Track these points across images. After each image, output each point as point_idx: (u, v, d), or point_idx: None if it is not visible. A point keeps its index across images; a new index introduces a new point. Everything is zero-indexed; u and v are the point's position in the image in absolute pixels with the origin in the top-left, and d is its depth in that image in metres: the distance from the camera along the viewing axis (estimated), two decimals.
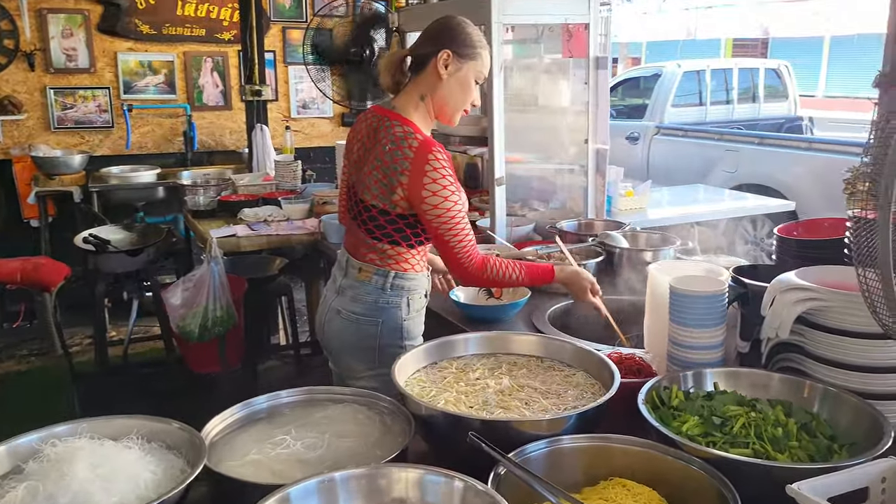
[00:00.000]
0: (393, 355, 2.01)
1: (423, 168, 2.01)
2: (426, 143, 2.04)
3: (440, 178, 2.01)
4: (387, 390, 1.89)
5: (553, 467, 1.38)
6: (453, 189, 2.04)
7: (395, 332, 2.18)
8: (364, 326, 2.17)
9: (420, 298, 2.23)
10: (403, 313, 2.18)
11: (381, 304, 2.16)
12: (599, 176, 3.26)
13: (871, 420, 1.43)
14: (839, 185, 6.45)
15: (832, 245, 1.89)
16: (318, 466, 1.39)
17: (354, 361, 2.22)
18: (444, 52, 2.08)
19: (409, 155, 2.03)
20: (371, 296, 2.17)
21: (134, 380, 4.35)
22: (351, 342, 2.20)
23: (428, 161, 2.01)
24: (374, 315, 2.17)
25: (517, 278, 2.15)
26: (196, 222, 4.24)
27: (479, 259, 2.09)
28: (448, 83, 2.11)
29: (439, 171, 2.01)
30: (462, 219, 2.06)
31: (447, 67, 2.08)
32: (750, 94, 8.53)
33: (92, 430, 1.44)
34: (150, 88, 6.25)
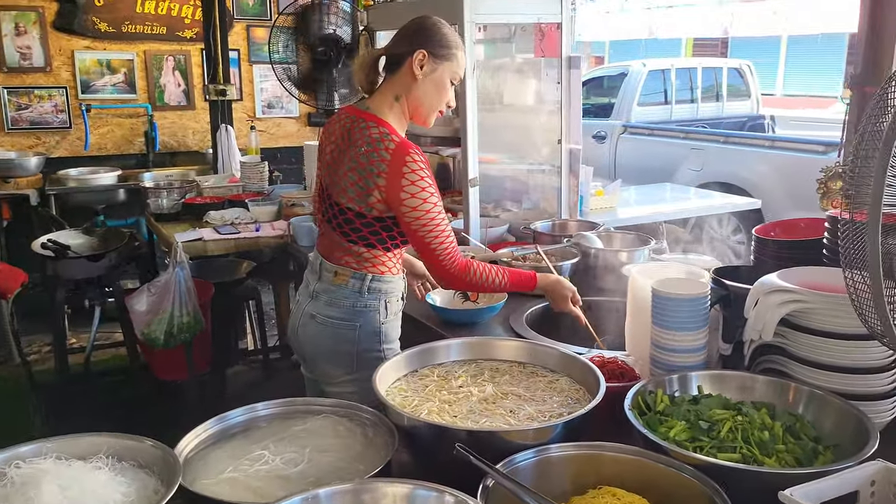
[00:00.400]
0: (371, 359, 2.07)
1: (400, 170, 1.97)
2: (403, 145, 2.01)
3: (418, 180, 1.97)
4: (365, 396, 1.87)
5: (541, 477, 1.35)
6: (432, 191, 2.01)
7: (373, 335, 2.13)
8: (341, 331, 2.13)
9: (397, 301, 2.20)
10: (381, 316, 2.14)
11: (359, 308, 2.12)
12: (573, 176, 3.24)
13: (856, 422, 1.42)
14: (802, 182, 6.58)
15: (810, 245, 1.89)
16: (300, 483, 1.34)
17: (331, 367, 2.17)
18: (419, 53, 2.04)
19: (385, 157, 1.99)
20: (348, 300, 2.12)
21: (97, 388, 4.23)
22: (327, 347, 2.16)
23: (405, 163, 1.98)
24: (352, 319, 2.12)
25: (500, 283, 2.12)
26: (160, 226, 4.13)
27: (461, 262, 2.05)
28: (423, 84, 2.07)
29: (417, 172, 1.98)
30: (442, 220, 2.03)
31: (422, 68, 2.05)
32: (713, 93, 8.63)
33: (58, 449, 1.37)
34: (109, 88, 6.09)
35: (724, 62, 9.14)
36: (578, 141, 3.25)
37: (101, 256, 3.72)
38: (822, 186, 2.19)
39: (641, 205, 4.89)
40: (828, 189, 2.16)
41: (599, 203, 4.38)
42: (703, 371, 1.66)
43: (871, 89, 2.12)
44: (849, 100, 2.21)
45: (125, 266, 4.04)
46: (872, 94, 2.12)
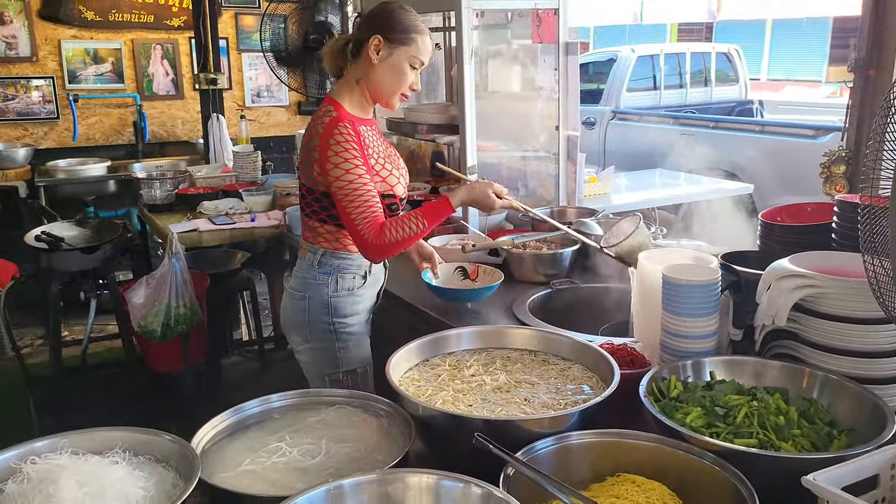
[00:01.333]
0: (323, 331, 2.25)
1: (328, 142, 2.06)
2: (337, 119, 2.09)
3: (342, 152, 2.05)
4: (320, 365, 2.25)
5: (561, 465, 1.36)
6: (357, 163, 2.06)
7: (321, 307, 2.24)
8: (295, 300, 2.27)
9: (352, 279, 2.26)
10: (330, 290, 2.23)
11: (309, 280, 2.25)
12: (570, 163, 3.24)
13: (872, 406, 1.43)
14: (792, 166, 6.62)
15: (818, 230, 1.89)
16: (319, 475, 1.33)
17: (293, 334, 2.32)
18: (374, 38, 2.10)
19: (319, 131, 2.10)
20: (302, 271, 2.27)
21: (94, 381, 4.19)
22: (288, 315, 2.31)
23: (332, 135, 2.06)
24: (303, 290, 2.25)
25: (418, 226, 2.09)
26: (153, 217, 4.10)
27: (376, 225, 2.05)
28: (379, 68, 2.13)
29: (342, 144, 2.05)
30: (365, 192, 2.06)
31: (378, 53, 2.11)
32: (702, 78, 8.65)
33: (73, 444, 1.35)
34: (97, 78, 6.01)
35: (712, 47, 9.16)
36: (576, 127, 3.25)
37: (95, 248, 3.68)
38: (825, 171, 2.20)
39: (633, 191, 4.90)
40: (831, 173, 2.17)
41: (593, 190, 4.38)
42: (716, 357, 1.66)
43: (874, 72, 2.13)
44: (851, 82, 2.21)
45: (119, 258, 3.99)
46: (875, 77, 2.13)
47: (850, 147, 2.21)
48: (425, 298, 2.52)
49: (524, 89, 3.39)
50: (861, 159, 2.21)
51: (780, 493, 1.23)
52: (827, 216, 1.91)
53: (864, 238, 1.27)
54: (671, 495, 1.29)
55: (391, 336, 2.10)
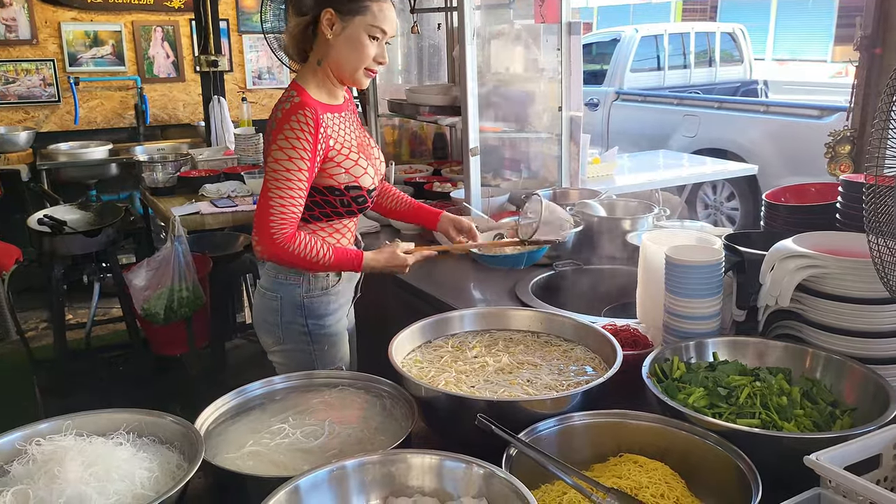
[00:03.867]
0: (296, 332, 2.10)
1: (282, 127, 1.90)
2: (297, 105, 1.91)
3: (292, 139, 1.88)
4: (294, 367, 2.02)
5: (563, 445, 1.36)
6: (302, 155, 1.89)
7: (294, 308, 2.09)
8: (266, 301, 2.11)
9: (325, 277, 2.10)
10: (302, 290, 2.08)
11: (280, 280, 2.08)
12: (574, 144, 3.22)
13: (875, 385, 1.43)
14: (797, 146, 6.60)
15: (822, 210, 1.88)
16: (322, 456, 1.34)
17: (264, 335, 2.17)
18: (325, 12, 1.92)
19: (278, 116, 1.93)
20: (273, 269, 2.09)
21: (98, 364, 4.21)
22: (259, 315, 2.16)
23: (289, 121, 1.89)
24: (275, 290, 2.10)
25: (322, 257, 1.94)
26: (155, 200, 4.09)
27: (287, 232, 1.90)
28: (336, 44, 1.95)
29: (295, 131, 1.88)
30: (296, 186, 1.89)
31: (332, 27, 1.93)
32: (706, 59, 8.58)
33: (78, 426, 1.36)
34: (98, 60, 5.98)
35: (716, 26, 9.07)
36: (579, 108, 3.23)
37: (98, 232, 3.67)
38: (830, 151, 2.18)
39: (636, 172, 4.88)
40: (836, 153, 2.15)
41: (596, 171, 4.36)
42: (719, 338, 1.66)
43: (880, 51, 2.11)
44: (857, 62, 2.19)
45: (122, 241, 3.99)
46: (881, 55, 2.11)
47: (855, 127, 2.20)
48: (428, 280, 2.52)
49: (527, 70, 3.36)
50: (866, 139, 2.19)
51: (782, 472, 1.23)
52: (831, 196, 1.90)
53: (869, 218, 1.26)
54: (673, 475, 1.29)
55: (394, 318, 2.10)
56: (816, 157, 5.47)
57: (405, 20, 3.89)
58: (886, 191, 1.20)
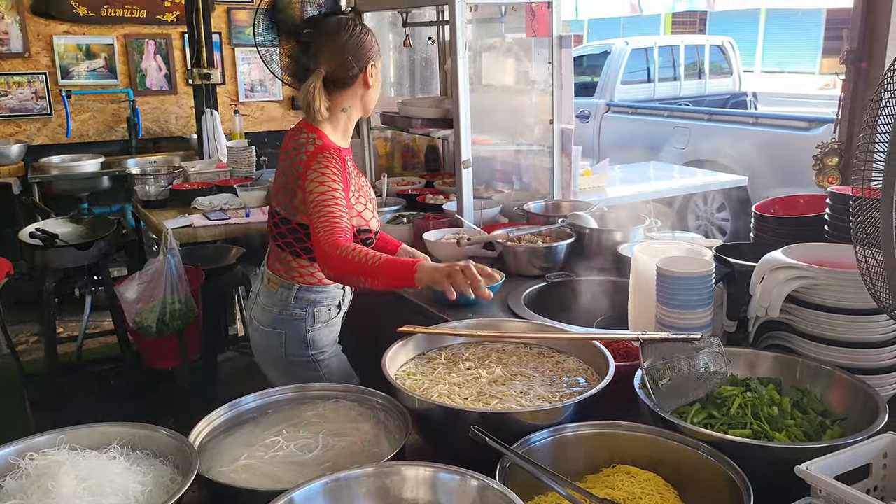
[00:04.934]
0: (302, 366, 2.16)
1: (312, 162, 2.01)
2: (324, 147, 2.05)
3: (325, 170, 1.99)
4: None
5: (557, 456, 1.37)
6: (336, 180, 1.99)
7: (299, 343, 2.16)
8: (269, 338, 2.18)
9: (329, 310, 2.21)
10: (307, 324, 2.16)
11: (284, 317, 2.15)
12: (565, 156, 3.24)
13: (864, 396, 1.45)
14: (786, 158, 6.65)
15: (811, 222, 1.91)
16: (317, 468, 1.34)
17: (269, 369, 2.25)
18: (371, 68, 2.11)
19: (303, 158, 2.04)
20: (275, 307, 2.16)
21: (89, 378, 4.19)
22: (262, 352, 2.23)
23: (318, 160, 2.01)
24: (278, 327, 2.16)
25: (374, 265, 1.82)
26: (148, 213, 4.09)
27: (335, 236, 1.89)
28: (374, 86, 2.16)
29: (327, 165, 2.00)
30: (337, 205, 1.95)
31: (372, 76, 2.13)
32: (696, 71, 8.65)
33: (71, 440, 1.36)
34: (90, 73, 5.99)
35: (706, 39, 9.16)
36: (570, 120, 3.25)
37: (90, 245, 3.67)
38: (818, 162, 2.21)
39: (627, 183, 4.90)
40: (824, 165, 2.18)
41: (588, 183, 4.39)
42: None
43: (866, 65, 2.14)
44: (843, 75, 2.22)
45: (114, 254, 3.99)
46: (867, 69, 2.14)
47: (842, 139, 2.23)
48: (422, 293, 2.52)
49: (518, 83, 3.39)
50: (853, 151, 2.22)
51: (773, 482, 1.24)
52: (820, 208, 1.92)
53: (856, 230, 1.28)
54: (666, 486, 1.30)
55: (387, 330, 2.11)
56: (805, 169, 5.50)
57: (397, 34, 3.92)
58: (873, 203, 1.22)
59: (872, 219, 1.24)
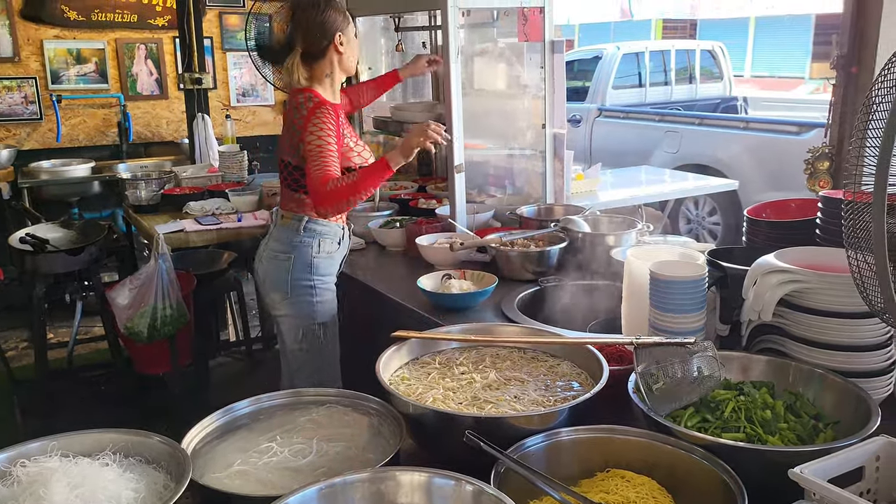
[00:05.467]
0: (303, 287, 2.58)
1: (311, 117, 2.43)
2: (319, 103, 2.47)
3: (321, 123, 2.42)
4: (299, 317, 2.59)
5: (551, 461, 1.37)
6: (331, 133, 2.41)
7: (305, 266, 2.57)
8: (279, 261, 2.58)
9: (332, 243, 2.62)
10: (313, 251, 2.57)
11: (295, 243, 2.57)
12: (558, 160, 3.25)
13: (857, 399, 1.45)
14: (776, 163, 6.68)
15: (802, 226, 1.91)
16: (311, 474, 1.34)
17: (272, 292, 2.62)
18: (336, 37, 2.52)
19: (304, 113, 2.47)
20: (287, 236, 2.58)
21: (80, 384, 4.17)
22: (271, 275, 2.61)
23: (315, 114, 2.43)
24: (288, 251, 2.57)
25: (355, 180, 2.37)
26: (139, 218, 4.07)
27: (325, 176, 2.36)
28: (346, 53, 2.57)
29: (322, 118, 2.42)
30: (330, 154, 2.39)
31: (341, 45, 2.54)
32: (687, 76, 8.69)
33: (63, 447, 1.35)
34: (80, 78, 5.97)
35: (696, 44, 9.20)
36: (563, 125, 3.26)
37: (80, 250, 3.65)
38: (809, 167, 2.22)
39: (619, 188, 4.92)
40: (815, 169, 2.19)
41: (580, 187, 4.40)
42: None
43: (856, 69, 2.15)
44: (834, 80, 2.24)
45: (105, 259, 3.97)
46: (857, 74, 2.16)
47: (833, 143, 2.24)
48: (414, 297, 2.53)
49: (511, 87, 3.39)
50: (844, 155, 2.23)
51: (767, 485, 1.24)
52: (811, 212, 1.93)
53: (848, 234, 1.29)
54: (660, 490, 1.30)
55: (381, 335, 2.11)
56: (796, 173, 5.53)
57: (389, 38, 3.92)
58: (864, 207, 1.22)
59: (864, 222, 1.24)
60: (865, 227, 1.24)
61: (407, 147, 2.44)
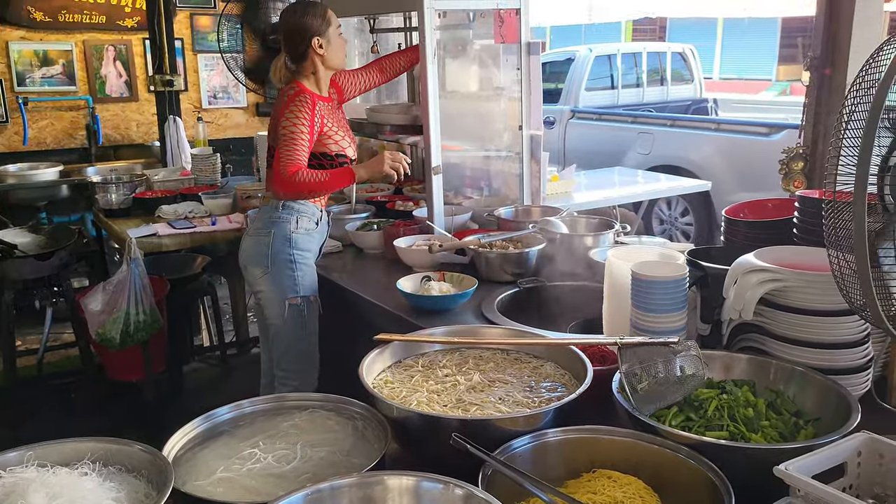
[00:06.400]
0: (283, 261, 2.70)
1: (289, 105, 2.63)
2: (299, 91, 2.67)
3: (297, 111, 2.61)
4: (279, 291, 2.71)
5: (538, 462, 1.37)
6: (303, 123, 2.60)
7: (284, 241, 2.70)
8: (261, 237, 2.72)
9: (310, 221, 2.74)
10: (292, 227, 2.70)
11: (274, 219, 2.71)
12: (535, 162, 3.25)
13: (837, 396, 1.47)
14: (747, 163, 6.78)
15: (780, 225, 1.94)
16: (296, 480, 1.32)
17: (253, 266, 2.76)
18: (314, 41, 2.69)
19: (285, 100, 2.66)
20: (268, 213, 2.74)
21: (50, 392, 4.09)
22: (252, 250, 2.76)
23: (294, 101, 2.63)
24: (269, 227, 2.71)
25: (321, 178, 2.63)
26: (110, 222, 4.00)
27: (294, 168, 2.57)
28: (328, 54, 2.73)
29: (299, 106, 2.61)
30: (300, 143, 2.59)
31: (321, 47, 2.71)
32: (658, 77, 8.77)
33: (40, 456, 1.32)
34: (47, 80, 5.86)
35: (667, 47, 9.29)
36: (539, 127, 3.26)
37: (50, 255, 3.58)
38: (784, 167, 2.25)
39: (593, 189, 4.95)
40: (790, 169, 2.22)
41: (555, 188, 4.42)
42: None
43: (830, 71, 2.18)
44: (806, 81, 2.27)
45: (75, 264, 3.89)
46: (831, 75, 2.19)
47: (807, 144, 2.27)
48: (393, 299, 2.51)
49: (487, 89, 3.40)
50: (818, 156, 2.27)
51: (751, 483, 1.25)
52: (788, 211, 1.96)
53: (829, 233, 1.30)
54: (647, 489, 1.31)
55: (361, 338, 2.09)
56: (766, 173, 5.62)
57: (365, 40, 3.90)
58: (844, 206, 1.24)
59: (844, 221, 1.26)
60: (846, 226, 1.26)
61: (373, 169, 2.75)
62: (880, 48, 1.28)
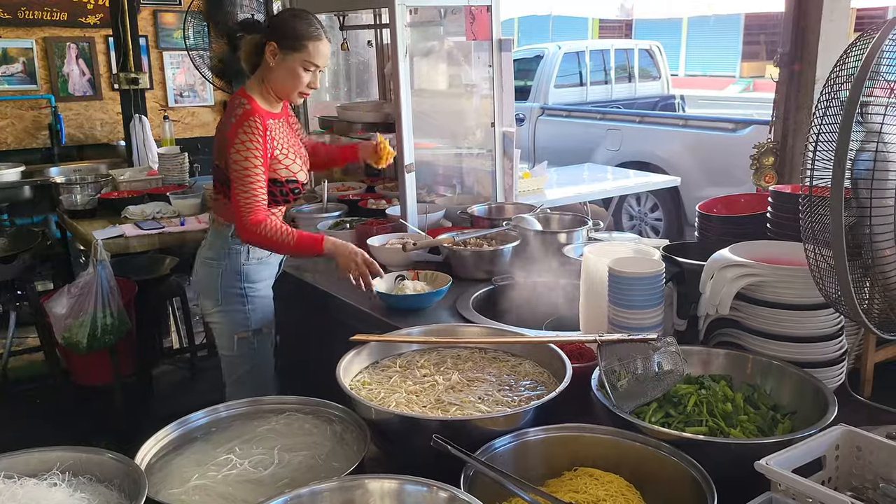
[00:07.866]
0: (234, 295, 2.52)
1: (237, 130, 2.33)
2: (249, 112, 2.35)
3: (247, 141, 2.32)
4: (229, 326, 2.54)
5: (519, 461, 1.36)
6: (257, 155, 2.33)
7: (234, 274, 2.51)
8: (212, 269, 2.53)
9: (262, 250, 2.53)
10: (243, 258, 2.50)
11: (224, 250, 2.51)
12: (507, 159, 3.25)
13: (813, 389, 1.48)
14: (713, 158, 6.86)
15: (753, 220, 1.95)
16: (274, 486, 1.29)
17: (205, 299, 2.59)
18: (269, 45, 2.38)
19: (233, 121, 2.36)
20: (218, 242, 2.53)
21: (14, 398, 3.98)
22: (203, 282, 2.57)
23: (242, 126, 2.33)
24: (219, 259, 2.51)
25: (288, 240, 2.36)
26: (75, 223, 3.91)
27: (257, 217, 2.34)
28: (276, 71, 2.40)
29: (249, 134, 2.32)
30: (256, 180, 2.34)
31: (274, 57, 2.39)
32: (626, 74, 8.83)
33: (6, 467, 1.27)
34: (6, 78, 5.71)
35: (634, 44, 9.37)
36: (512, 124, 3.26)
37: (12, 258, 3.49)
38: (755, 162, 2.26)
39: (564, 186, 4.97)
40: (760, 165, 2.24)
41: (527, 185, 4.42)
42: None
43: (799, 67, 2.21)
44: (775, 77, 2.29)
45: (39, 267, 3.80)
46: (800, 71, 2.21)
47: (777, 139, 2.29)
48: (367, 299, 2.48)
49: (458, 86, 3.38)
50: (788, 151, 2.29)
51: (732, 477, 1.25)
52: (761, 206, 1.97)
53: (805, 227, 1.31)
54: (629, 487, 1.30)
55: (335, 339, 2.07)
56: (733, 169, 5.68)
57: (334, 37, 3.86)
58: (820, 201, 1.25)
59: (820, 216, 1.26)
60: (822, 221, 1.26)
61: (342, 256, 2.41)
62: (852, 44, 1.29)
